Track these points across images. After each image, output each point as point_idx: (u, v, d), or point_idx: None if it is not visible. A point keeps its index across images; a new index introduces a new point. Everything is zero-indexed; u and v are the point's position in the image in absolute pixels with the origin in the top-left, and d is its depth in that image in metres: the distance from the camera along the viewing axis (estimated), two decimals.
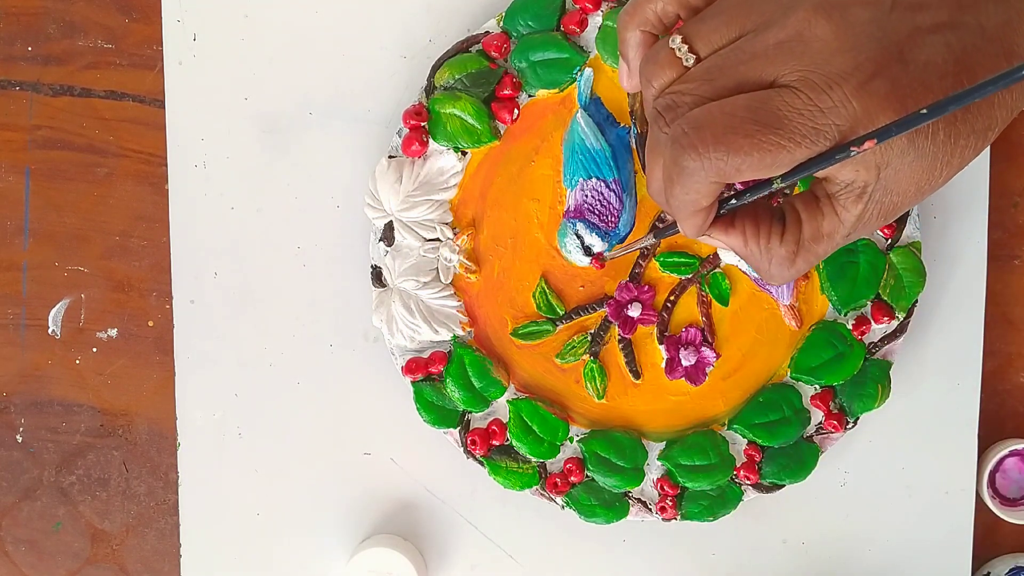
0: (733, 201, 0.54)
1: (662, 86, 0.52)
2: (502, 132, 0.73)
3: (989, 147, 0.75)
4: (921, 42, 0.49)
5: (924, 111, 0.46)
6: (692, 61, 0.52)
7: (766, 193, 0.53)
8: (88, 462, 0.77)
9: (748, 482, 0.73)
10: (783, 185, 0.51)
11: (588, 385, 0.74)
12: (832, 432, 0.73)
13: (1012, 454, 0.76)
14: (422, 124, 0.72)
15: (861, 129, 0.49)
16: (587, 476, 0.73)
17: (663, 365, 0.73)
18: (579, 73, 0.72)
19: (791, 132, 0.49)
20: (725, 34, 0.51)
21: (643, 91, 0.54)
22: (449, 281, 0.73)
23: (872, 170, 0.50)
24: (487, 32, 0.72)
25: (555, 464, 0.74)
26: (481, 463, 0.73)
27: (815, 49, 0.49)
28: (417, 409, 0.73)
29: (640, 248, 0.71)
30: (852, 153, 0.49)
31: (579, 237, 0.72)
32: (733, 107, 0.49)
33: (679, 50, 0.52)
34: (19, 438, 0.77)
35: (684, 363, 0.73)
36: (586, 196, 0.72)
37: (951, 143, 0.50)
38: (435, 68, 0.72)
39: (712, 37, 0.51)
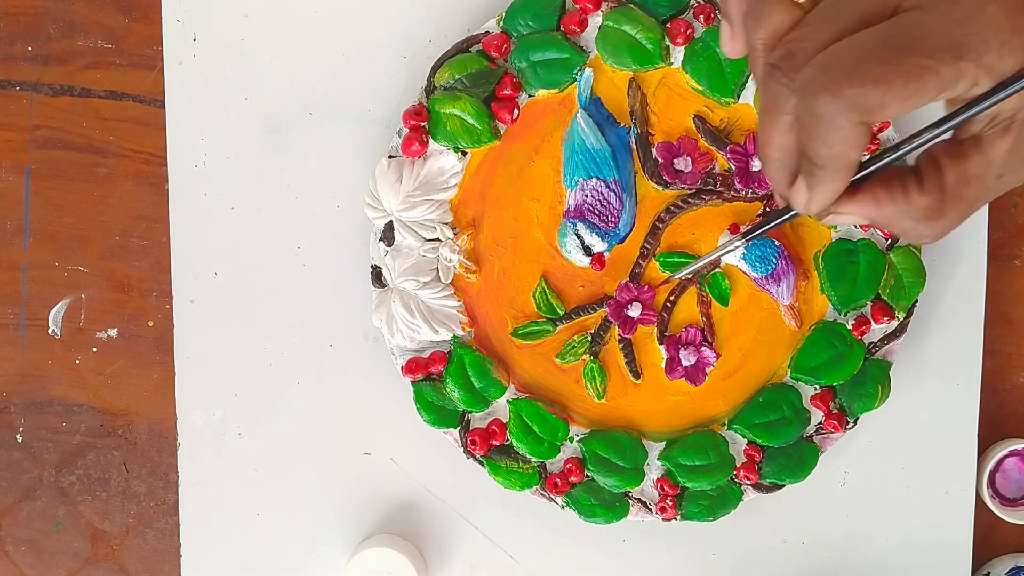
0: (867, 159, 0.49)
1: (772, 33, 0.48)
2: (502, 132, 0.73)
3: None
4: None
5: None
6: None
7: (923, 141, 0.48)
8: (88, 462, 0.77)
9: (748, 482, 0.73)
10: (960, 119, 0.46)
11: (588, 385, 0.74)
12: (832, 432, 0.73)
13: (1012, 454, 0.76)
14: (422, 124, 0.72)
15: (1005, 35, 0.45)
16: (587, 476, 0.73)
17: (663, 365, 0.73)
18: (579, 73, 0.72)
19: (931, 50, 0.44)
20: None
21: (749, 40, 0.49)
22: (449, 281, 0.73)
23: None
24: (487, 32, 0.72)
25: (555, 464, 0.74)
26: (481, 463, 0.73)
27: None
28: (417, 409, 0.73)
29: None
30: None
31: (579, 237, 0.72)
32: (860, 41, 0.45)
33: None
34: (19, 438, 0.77)
35: (684, 363, 0.73)
36: (586, 196, 0.72)
37: None
38: (435, 68, 0.72)
39: None
